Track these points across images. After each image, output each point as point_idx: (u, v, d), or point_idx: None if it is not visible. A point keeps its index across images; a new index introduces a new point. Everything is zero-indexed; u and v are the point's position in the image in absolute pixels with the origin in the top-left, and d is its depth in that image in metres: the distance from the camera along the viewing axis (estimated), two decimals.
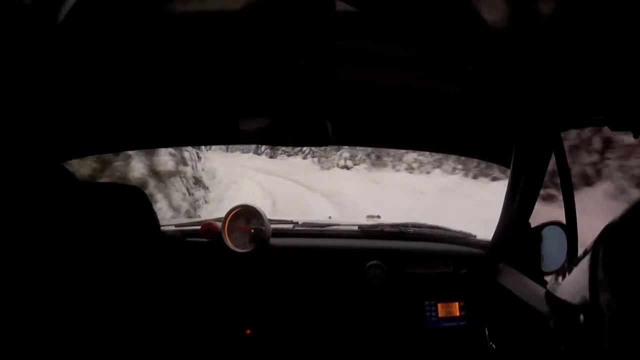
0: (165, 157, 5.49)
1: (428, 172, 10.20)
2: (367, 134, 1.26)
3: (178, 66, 0.86)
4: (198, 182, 6.61)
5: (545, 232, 1.06)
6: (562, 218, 1.00)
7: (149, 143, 1.38)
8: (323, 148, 12.14)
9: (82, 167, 4.06)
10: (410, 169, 10.73)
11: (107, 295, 0.62)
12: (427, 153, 9.21)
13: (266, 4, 0.64)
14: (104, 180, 4.27)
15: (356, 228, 1.36)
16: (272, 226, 1.24)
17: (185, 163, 6.18)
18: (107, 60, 0.80)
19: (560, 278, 0.50)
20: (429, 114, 1.08)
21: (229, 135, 1.29)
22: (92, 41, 0.72)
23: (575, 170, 4.27)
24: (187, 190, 5.99)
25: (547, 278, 1.02)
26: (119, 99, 0.98)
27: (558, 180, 0.94)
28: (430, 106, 1.03)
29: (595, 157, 4.60)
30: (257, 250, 1.17)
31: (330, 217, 1.50)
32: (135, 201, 0.66)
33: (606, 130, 0.78)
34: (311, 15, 0.66)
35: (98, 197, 0.63)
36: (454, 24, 0.65)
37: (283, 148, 13.68)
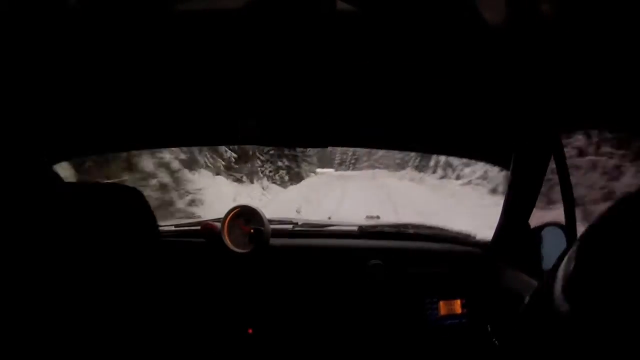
0: None
1: None
2: (367, 135, 1.26)
3: (178, 66, 0.86)
4: None
5: (545, 232, 1.07)
6: None
7: (149, 144, 1.38)
8: None
9: None
10: None
11: (105, 297, 0.62)
12: None
13: (266, 3, 0.64)
14: None
15: (356, 228, 1.36)
16: (272, 226, 1.23)
17: None
18: (107, 60, 0.80)
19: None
20: (429, 115, 1.08)
21: (229, 135, 1.29)
22: (92, 40, 0.72)
23: None
24: None
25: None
26: (118, 100, 0.97)
27: None
28: (430, 108, 1.03)
29: None
30: (257, 250, 1.17)
31: (329, 218, 1.50)
32: (133, 201, 0.66)
33: None
34: (311, 15, 0.66)
35: (95, 197, 0.62)
36: (454, 25, 0.65)
37: None
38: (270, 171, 12.07)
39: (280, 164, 12.96)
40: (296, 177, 14.54)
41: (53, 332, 0.56)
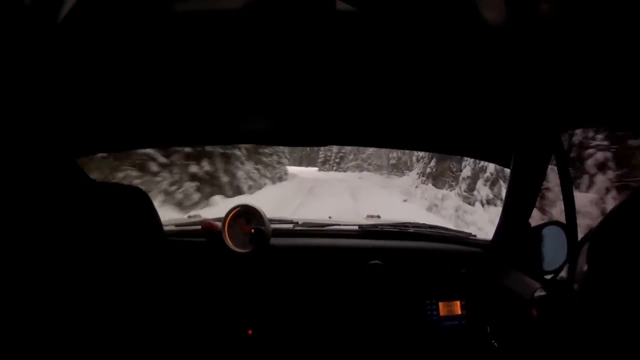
0: None
1: None
2: (367, 134, 1.26)
3: (178, 66, 0.86)
4: None
5: (545, 232, 1.07)
6: None
7: (148, 143, 1.39)
8: None
9: None
10: None
11: (108, 296, 0.62)
12: None
13: (266, 3, 0.64)
14: None
15: (356, 228, 1.36)
16: (272, 226, 1.24)
17: None
18: (107, 60, 0.80)
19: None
20: (430, 114, 1.08)
21: (229, 135, 1.29)
22: (92, 41, 0.72)
23: None
24: None
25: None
26: (119, 99, 0.98)
27: None
28: (431, 106, 1.03)
29: None
30: (257, 250, 1.17)
31: (330, 217, 1.50)
32: (137, 202, 0.66)
33: None
34: (311, 14, 0.66)
35: (100, 197, 0.63)
36: (454, 25, 0.65)
37: None
38: (173, 184, 7.08)
39: (196, 169, 7.58)
40: (219, 191, 8.13)
41: (55, 329, 0.57)
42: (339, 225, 1.39)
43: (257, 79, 0.91)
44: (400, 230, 1.34)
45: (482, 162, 7.00)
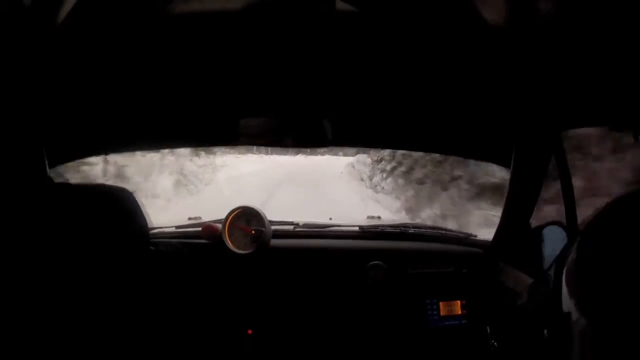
0: None
1: None
2: (367, 135, 1.26)
3: (178, 67, 0.86)
4: None
5: (546, 232, 1.07)
6: None
7: (149, 145, 1.38)
8: None
9: None
10: None
11: (99, 299, 0.62)
12: None
13: (266, 3, 0.65)
14: None
15: (357, 229, 1.36)
16: (273, 227, 1.23)
17: None
18: (107, 61, 0.80)
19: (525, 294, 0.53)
20: (429, 114, 1.08)
21: (229, 136, 1.29)
22: (91, 42, 0.72)
23: None
24: None
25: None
26: (118, 101, 0.98)
27: None
28: (430, 106, 1.03)
29: None
30: (258, 251, 1.17)
31: (330, 218, 1.50)
32: (123, 202, 0.65)
33: None
34: (311, 14, 0.66)
35: (84, 198, 0.62)
36: (454, 24, 0.65)
37: None
38: None
39: None
40: None
41: (45, 332, 0.56)
42: (340, 226, 1.39)
43: (258, 79, 0.91)
44: (401, 231, 1.34)
45: None
